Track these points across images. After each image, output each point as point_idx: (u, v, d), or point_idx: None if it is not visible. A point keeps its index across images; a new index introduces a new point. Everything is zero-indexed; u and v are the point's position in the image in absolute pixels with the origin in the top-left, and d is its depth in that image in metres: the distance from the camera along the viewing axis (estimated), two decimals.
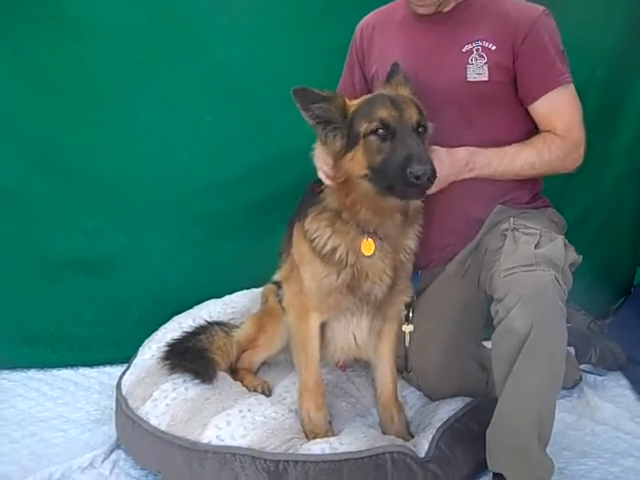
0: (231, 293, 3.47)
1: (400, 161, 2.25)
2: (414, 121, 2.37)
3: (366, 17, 2.99)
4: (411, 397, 2.96)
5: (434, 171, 2.23)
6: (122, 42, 3.33)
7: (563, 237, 2.52)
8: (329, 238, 2.52)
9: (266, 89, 3.42)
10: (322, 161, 2.51)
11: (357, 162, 2.38)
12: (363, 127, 2.36)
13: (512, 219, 2.59)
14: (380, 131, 2.34)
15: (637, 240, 3.98)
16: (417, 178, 2.21)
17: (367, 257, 2.49)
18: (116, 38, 3.32)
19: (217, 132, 3.50)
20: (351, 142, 2.39)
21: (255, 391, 2.87)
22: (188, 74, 3.42)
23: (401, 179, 2.25)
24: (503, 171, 2.65)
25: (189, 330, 3.05)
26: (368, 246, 2.47)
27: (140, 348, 3.11)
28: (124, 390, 2.86)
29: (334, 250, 2.51)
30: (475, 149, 2.63)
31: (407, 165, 2.22)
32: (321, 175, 2.52)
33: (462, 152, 2.61)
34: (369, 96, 2.54)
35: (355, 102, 2.47)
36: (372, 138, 2.35)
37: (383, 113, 2.35)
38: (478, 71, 2.65)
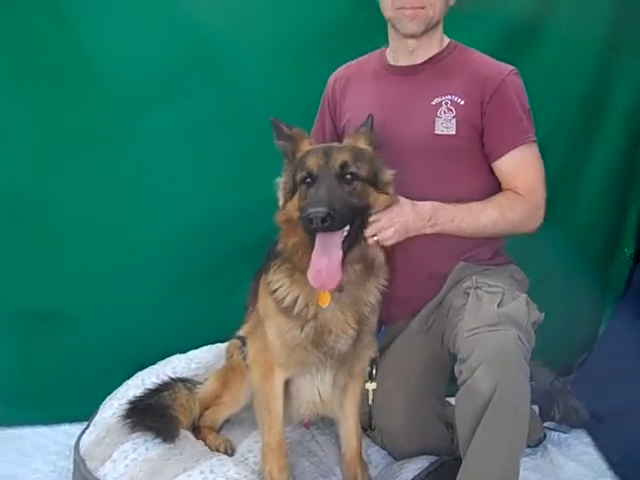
0: (196, 348, 3.42)
1: (304, 206, 2.31)
2: (337, 167, 2.39)
3: (338, 70, 3.04)
4: (375, 456, 2.93)
5: (329, 214, 2.20)
6: (91, 89, 3.31)
7: (526, 295, 2.55)
8: (289, 289, 2.51)
9: (236, 142, 3.43)
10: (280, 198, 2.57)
11: (295, 206, 2.43)
12: (298, 176, 2.43)
13: (475, 277, 2.61)
14: (307, 180, 2.40)
15: (601, 294, 4.00)
16: (310, 221, 2.22)
17: (324, 309, 2.48)
18: (86, 86, 3.31)
19: (184, 184, 3.48)
20: (294, 188, 2.46)
21: (217, 450, 2.82)
22: (151, 120, 3.40)
23: (304, 223, 2.29)
24: (465, 228, 2.67)
25: (152, 387, 2.99)
26: (324, 297, 2.46)
27: (101, 406, 3.05)
28: (82, 450, 2.81)
29: (295, 302, 2.51)
30: (440, 204, 2.64)
31: (305, 209, 2.26)
32: None
33: (427, 206, 2.61)
34: (313, 147, 2.58)
35: (305, 149, 2.53)
36: (302, 187, 2.41)
37: (310, 162, 2.41)
38: (446, 125, 2.69)
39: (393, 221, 2.49)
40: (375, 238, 2.46)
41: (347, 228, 2.36)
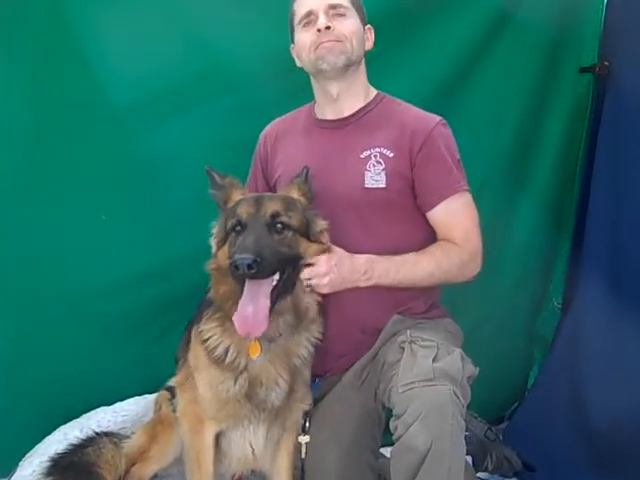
0: (122, 400, 3.31)
1: (232, 253, 2.33)
2: (268, 216, 2.41)
3: (270, 124, 3.05)
4: None
5: (255, 261, 2.21)
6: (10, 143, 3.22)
7: (460, 350, 2.56)
8: (220, 338, 2.50)
9: (166, 190, 3.37)
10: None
11: (225, 254, 2.44)
12: (229, 224, 2.45)
13: (409, 331, 2.60)
14: (237, 227, 2.42)
15: (530, 344, 4.08)
16: (237, 268, 2.22)
17: (254, 360, 2.46)
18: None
19: (113, 232, 3.39)
20: (226, 236, 2.47)
21: None
22: (84, 170, 3.32)
23: (231, 270, 2.29)
24: (401, 280, 2.67)
25: (75, 442, 2.90)
26: (254, 348, 2.45)
27: (20, 462, 2.96)
28: None
29: (226, 352, 2.49)
30: (375, 257, 2.64)
31: (232, 256, 2.28)
32: None
33: (362, 260, 2.62)
34: (245, 196, 2.59)
35: (237, 198, 2.54)
36: (233, 234, 2.43)
37: (241, 210, 2.44)
38: (376, 178, 2.70)
39: (331, 269, 2.50)
40: (310, 282, 2.47)
41: (277, 277, 2.37)
